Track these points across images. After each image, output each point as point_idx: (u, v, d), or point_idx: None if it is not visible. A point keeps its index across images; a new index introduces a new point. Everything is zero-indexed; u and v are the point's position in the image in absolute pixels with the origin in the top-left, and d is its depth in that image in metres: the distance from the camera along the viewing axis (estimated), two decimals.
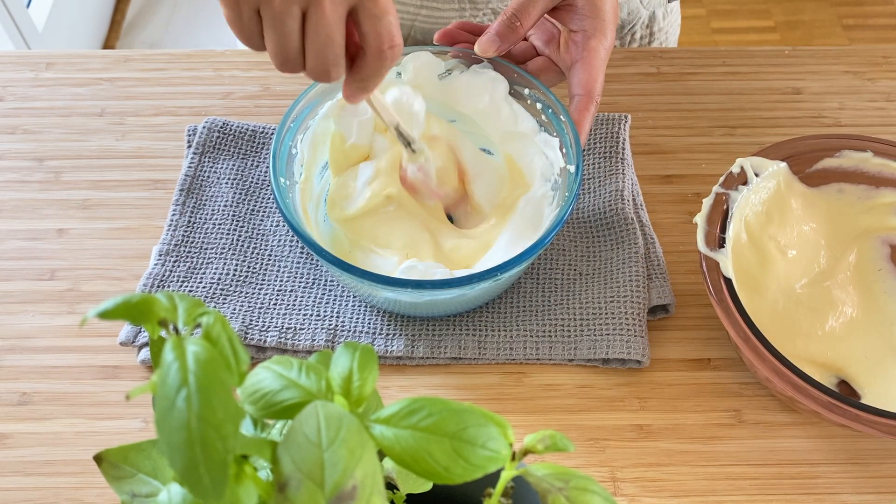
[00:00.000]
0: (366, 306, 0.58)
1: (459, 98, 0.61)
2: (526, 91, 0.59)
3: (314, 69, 0.45)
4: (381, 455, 0.28)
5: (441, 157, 0.58)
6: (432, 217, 0.59)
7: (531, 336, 0.56)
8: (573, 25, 0.57)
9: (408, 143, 0.55)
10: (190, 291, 0.58)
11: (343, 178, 0.58)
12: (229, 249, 0.60)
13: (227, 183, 0.64)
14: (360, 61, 0.47)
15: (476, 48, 0.57)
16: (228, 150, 0.66)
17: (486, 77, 0.59)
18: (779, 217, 0.58)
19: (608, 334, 0.56)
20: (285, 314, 0.57)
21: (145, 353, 0.55)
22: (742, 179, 0.56)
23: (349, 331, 0.57)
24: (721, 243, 0.53)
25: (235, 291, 0.58)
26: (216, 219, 0.62)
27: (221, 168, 0.65)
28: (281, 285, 0.59)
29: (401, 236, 0.56)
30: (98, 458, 0.31)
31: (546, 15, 0.58)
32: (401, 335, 0.56)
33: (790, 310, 0.56)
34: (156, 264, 0.59)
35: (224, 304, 0.57)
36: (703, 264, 0.52)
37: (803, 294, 0.57)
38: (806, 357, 0.54)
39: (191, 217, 0.62)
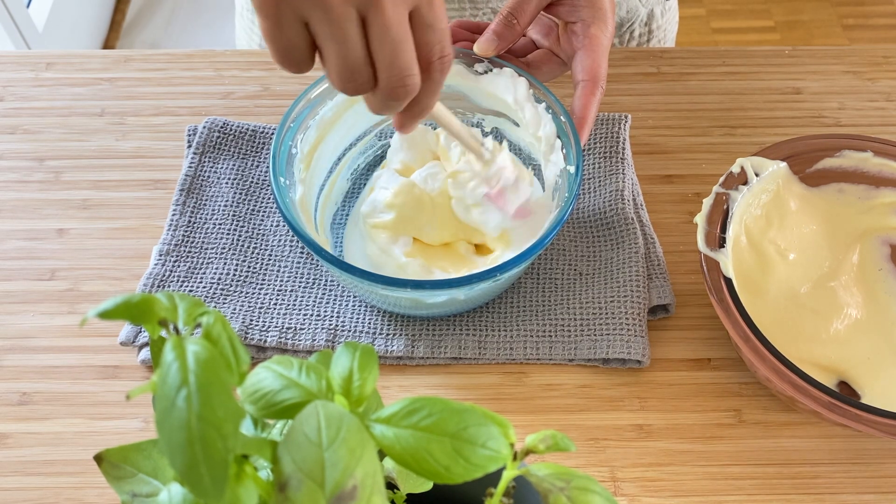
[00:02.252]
0: (366, 306, 0.58)
1: (485, 96, 0.61)
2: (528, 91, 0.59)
3: (389, 82, 0.38)
4: (382, 455, 0.28)
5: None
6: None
7: (531, 336, 0.56)
8: (571, 17, 0.57)
9: (481, 156, 0.53)
10: (190, 291, 0.58)
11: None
12: (229, 249, 0.60)
13: (227, 183, 0.64)
14: None
15: (476, 48, 0.57)
16: (228, 150, 0.66)
17: (508, 76, 0.59)
18: (778, 220, 0.58)
19: (608, 334, 0.56)
20: (285, 314, 0.57)
21: (145, 353, 0.55)
22: (742, 179, 0.56)
23: (349, 331, 0.57)
24: (721, 243, 0.53)
25: (236, 291, 0.58)
26: (216, 219, 0.62)
27: (221, 168, 0.65)
28: (281, 285, 0.59)
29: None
30: (98, 458, 0.31)
31: (542, 11, 0.58)
32: (401, 335, 0.56)
33: (792, 313, 0.56)
34: (156, 264, 0.59)
35: (224, 303, 0.57)
36: (704, 264, 0.52)
37: (806, 297, 0.57)
38: (809, 360, 0.54)
39: (191, 217, 0.62)
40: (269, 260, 0.60)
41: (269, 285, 0.59)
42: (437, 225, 0.57)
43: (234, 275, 0.59)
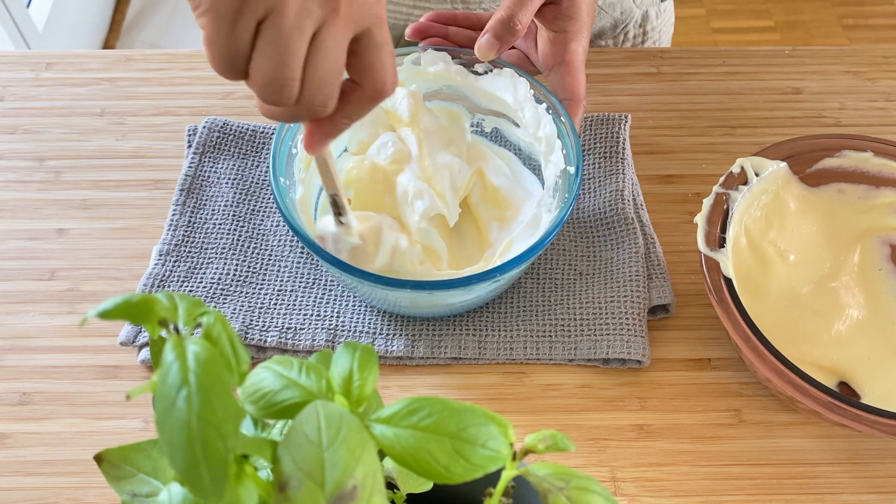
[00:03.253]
0: (366, 306, 0.58)
1: (485, 97, 0.61)
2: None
3: (311, 100, 0.38)
4: (382, 455, 0.28)
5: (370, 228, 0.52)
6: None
7: (531, 336, 0.56)
8: (554, 26, 0.57)
9: (338, 213, 0.49)
10: (190, 291, 0.58)
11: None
12: (229, 249, 0.60)
13: (227, 183, 0.64)
14: (348, 97, 0.40)
15: (476, 52, 0.57)
16: (228, 150, 0.66)
17: (508, 76, 0.59)
18: (778, 222, 0.58)
19: (608, 334, 0.56)
20: (285, 314, 0.57)
21: (145, 353, 0.55)
22: (742, 179, 0.56)
23: (349, 331, 0.57)
24: (721, 243, 0.53)
25: (236, 291, 0.58)
26: (216, 219, 0.62)
27: (221, 168, 0.65)
28: (281, 285, 0.59)
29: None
30: (98, 458, 0.31)
31: None
32: (401, 335, 0.56)
33: (793, 314, 0.56)
34: (156, 264, 0.59)
35: (224, 303, 0.57)
36: (704, 264, 0.52)
37: (807, 298, 0.57)
38: (810, 362, 0.54)
39: (191, 217, 0.62)
40: (269, 260, 0.60)
41: (269, 285, 0.59)
42: (394, 192, 0.57)
43: (234, 275, 0.59)
